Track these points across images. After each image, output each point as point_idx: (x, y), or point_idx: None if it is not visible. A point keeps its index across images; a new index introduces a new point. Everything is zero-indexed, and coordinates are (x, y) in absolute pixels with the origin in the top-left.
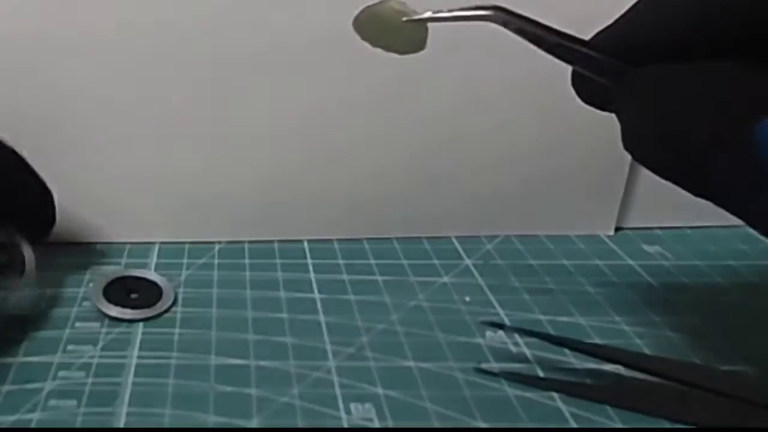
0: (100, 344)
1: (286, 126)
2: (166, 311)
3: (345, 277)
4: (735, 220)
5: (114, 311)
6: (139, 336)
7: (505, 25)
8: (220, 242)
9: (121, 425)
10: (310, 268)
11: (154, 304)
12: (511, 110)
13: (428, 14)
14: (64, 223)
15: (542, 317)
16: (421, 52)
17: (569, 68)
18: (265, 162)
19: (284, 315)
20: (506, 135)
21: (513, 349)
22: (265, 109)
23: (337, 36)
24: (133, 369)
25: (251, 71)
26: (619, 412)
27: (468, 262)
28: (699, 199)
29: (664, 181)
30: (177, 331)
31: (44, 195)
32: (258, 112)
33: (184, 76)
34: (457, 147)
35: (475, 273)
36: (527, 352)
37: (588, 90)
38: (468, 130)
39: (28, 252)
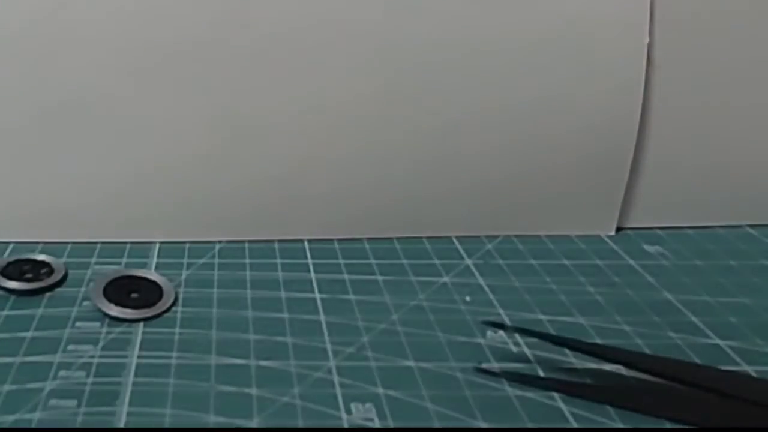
0: (101, 344)
1: (287, 126)
2: (167, 311)
3: (345, 276)
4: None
5: (114, 311)
6: (140, 336)
7: None
8: (220, 242)
9: (122, 425)
10: (311, 267)
11: (155, 303)
12: (512, 110)
13: None
14: (64, 222)
15: (543, 317)
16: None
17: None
18: (266, 162)
19: (284, 315)
20: (507, 135)
21: (513, 349)
22: (266, 109)
23: (338, 37)
24: (133, 369)
25: (252, 71)
26: (620, 412)
27: (468, 262)
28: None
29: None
30: (177, 330)
31: None
32: (259, 111)
33: (184, 75)
34: (457, 147)
35: (476, 273)
36: (528, 352)
37: None
38: (468, 130)
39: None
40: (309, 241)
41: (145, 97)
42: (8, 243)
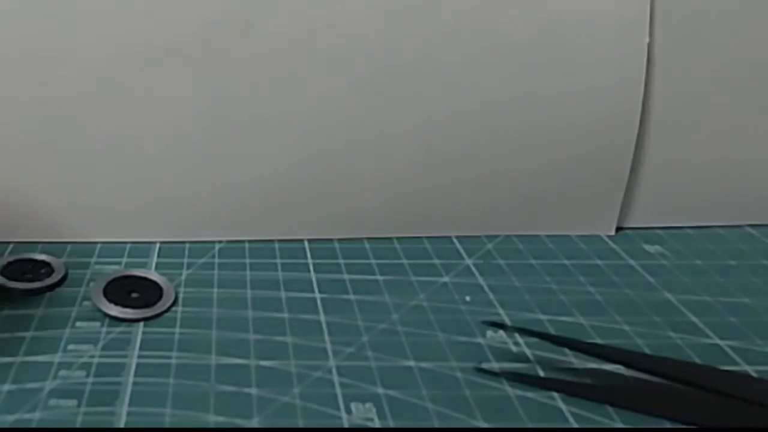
0: (101, 344)
1: (287, 126)
2: (167, 311)
3: (345, 276)
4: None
5: (114, 311)
6: (140, 335)
7: None
8: (220, 242)
9: (122, 425)
10: (311, 267)
11: (155, 303)
12: (512, 110)
13: None
14: (64, 222)
15: (543, 317)
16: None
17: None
18: (266, 161)
19: (284, 315)
20: (507, 135)
21: (514, 348)
22: (266, 109)
23: (334, 34)
24: (133, 368)
25: (251, 71)
26: (620, 412)
27: (468, 261)
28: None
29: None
30: (177, 330)
31: None
32: (259, 111)
33: (183, 76)
34: (457, 147)
35: (476, 273)
36: (528, 351)
37: None
38: (468, 130)
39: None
40: (309, 241)
41: (145, 97)
42: (8, 243)
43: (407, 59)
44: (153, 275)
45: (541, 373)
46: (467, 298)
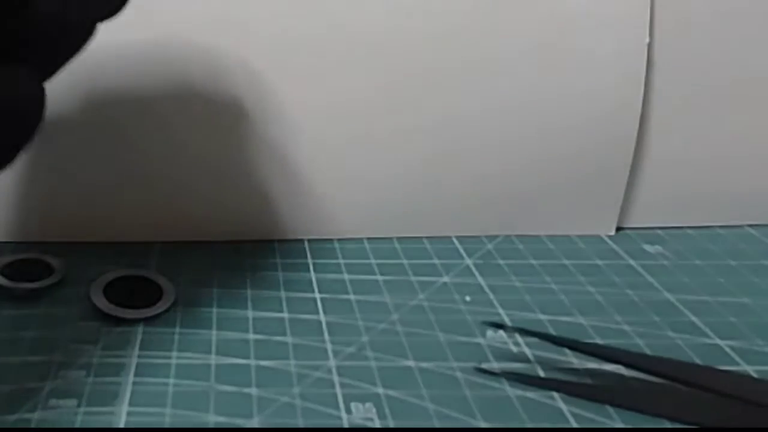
0: (101, 344)
1: (286, 125)
2: (167, 311)
3: (345, 276)
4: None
5: (114, 311)
6: (140, 335)
7: None
8: (220, 242)
9: (122, 425)
10: (311, 267)
11: (155, 303)
12: (512, 110)
13: None
14: (65, 222)
15: (543, 317)
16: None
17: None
18: (265, 161)
19: (284, 315)
20: (507, 135)
21: (514, 348)
22: (265, 109)
23: (338, 37)
24: (133, 368)
25: (248, 70)
26: (620, 412)
27: (468, 261)
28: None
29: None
30: (177, 330)
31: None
32: (257, 110)
33: (180, 75)
34: (457, 147)
35: (476, 273)
36: (528, 351)
37: None
38: (468, 130)
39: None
40: (309, 241)
41: (141, 96)
42: (8, 243)
43: (406, 60)
44: (153, 275)
45: (541, 373)
46: (467, 298)
